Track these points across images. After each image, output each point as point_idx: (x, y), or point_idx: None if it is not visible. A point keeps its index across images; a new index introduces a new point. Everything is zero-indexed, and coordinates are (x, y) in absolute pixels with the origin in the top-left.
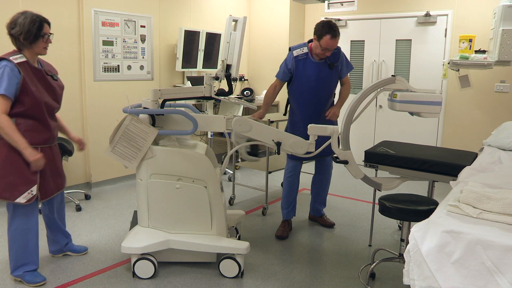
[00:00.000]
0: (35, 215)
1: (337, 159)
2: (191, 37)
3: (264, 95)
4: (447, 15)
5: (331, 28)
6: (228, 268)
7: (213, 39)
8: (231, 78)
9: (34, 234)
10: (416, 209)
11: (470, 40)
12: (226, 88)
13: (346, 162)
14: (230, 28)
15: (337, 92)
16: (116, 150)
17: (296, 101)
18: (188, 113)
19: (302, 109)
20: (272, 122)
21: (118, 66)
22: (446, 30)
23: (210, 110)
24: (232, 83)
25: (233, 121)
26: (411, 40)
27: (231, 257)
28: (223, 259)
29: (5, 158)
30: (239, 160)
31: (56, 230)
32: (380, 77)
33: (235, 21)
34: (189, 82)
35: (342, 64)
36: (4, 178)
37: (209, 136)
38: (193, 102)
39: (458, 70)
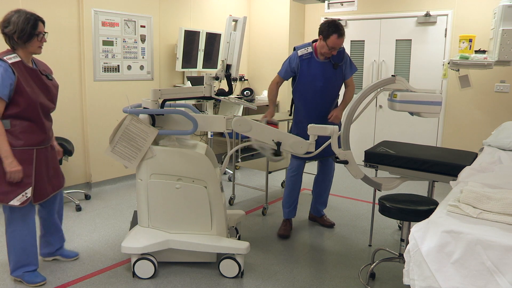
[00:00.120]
0: (32, 217)
1: (337, 159)
2: (191, 37)
3: (268, 93)
4: (447, 15)
5: (337, 28)
6: (228, 268)
7: (213, 39)
8: (231, 78)
9: (32, 235)
10: (416, 209)
11: (470, 40)
12: (226, 88)
13: (346, 162)
14: (230, 28)
15: (340, 94)
16: (116, 150)
17: (300, 100)
18: (188, 113)
19: (306, 108)
20: None
21: (118, 66)
22: (446, 30)
23: (210, 110)
24: (232, 83)
25: (233, 121)
26: (411, 40)
27: (231, 257)
28: (223, 259)
29: None
30: (239, 160)
31: (53, 231)
32: (380, 77)
33: (235, 21)
34: (189, 82)
35: (346, 64)
36: None
37: (209, 136)
38: (193, 102)
39: (458, 70)
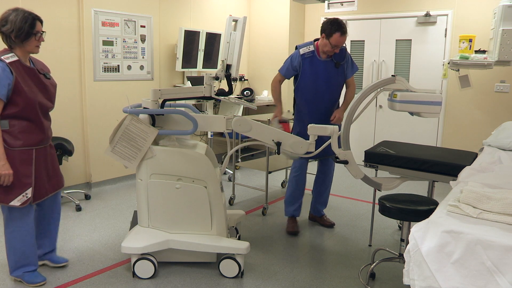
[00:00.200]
0: (31, 217)
1: (337, 159)
2: (191, 37)
3: (272, 92)
4: (447, 15)
5: (340, 26)
6: (228, 268)
7: (213, 39)
8: (231, 78)
9: (31, 235)
10: (416, 209)
11: (470, 40)
12: (226, 88)
13: (346, 162)
14: (230, 28)
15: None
16: (116, 150)
17: (302, 99)
18: (188, 113)
19: (309, 107)
20: None
21: (118, 66)
22: (446, 30)
23: (210, 110)
24: (232, 83)
25: (233, 121)
26: (411, 40)
27: (231, 257)
28: (223, 259)
29: None
30: (239, 160)
31: (45, 235)
32: (380, 77)
33: (235, 21)
34: (189, 82)
35: (347, 63)
36: None
37: (209, 136)
38: (193, 102)
39: (458, 70)
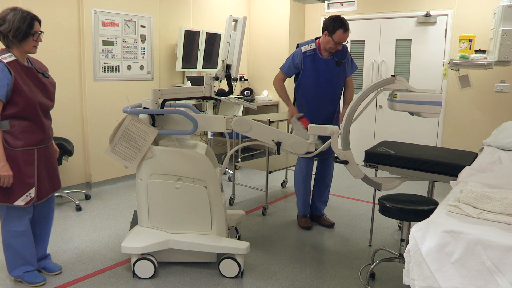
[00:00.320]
0: (29, 217)
1: (337, 159)
2: (191, 37)
3: (278, 91)
4: (447, 15)
5: (342, 23)
6: (228, 268)
7: (213, 39)
8: (231, 78)
9: (28, 235)
10: (416, 209)
11: (470, 40)
12: (226, 88)
13: (346, 162)
14: (230, 28)
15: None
16: (116, 150)
17: (303, 97)
18: (188, 113)
19: (310, 105)
20: (272, 122)
21: (118, 66)
22: (446, 30)
23: (210, 110)
24: (232, 83)
25: (233, 121)
26: (411, 40)
27: (231, 257)
28: (223, 259)
29: None
30: (239, 160)
31: (36, 242)
32: (380, 77)
33: (235, 21)
34: (189, 82)
35: (348, 62)
36: None
37: (209, 136)
38: (193, 102)
39: (458, 70)
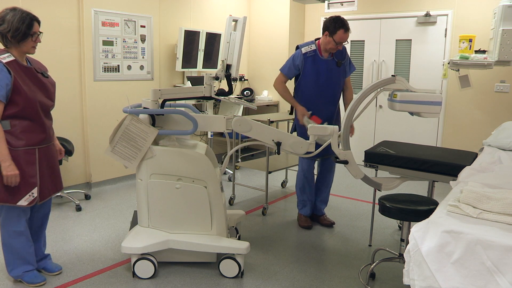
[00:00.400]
0: (27, 216)
1: (337, 159)
2: (191, 37)
3: (282, 94)
4: (447, 15)
5: (343, 23)
6: (228, 268)
7: (213, 39)
8: (231, 78)
9: (27, 235)
10: (416, 209)
11: (470, 40)
12: (226, 88)
13: (346, 162)
14: (230, 28)
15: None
16: (116, 150)
17: (304, 98)
18: (188, 113)
19: (311, 105)
20: (272, 122)
21: (118, 66)
22: (446, 30)
23: (210, 110)
24: (232, 83)
25: (233, 121)
26: (411, 40)
27: (231, 257)
28: (223, 259)
29: None
30: (239, 160)
31: (34, 239)
32: (380, 77)
33: (235, 21)
34: (189, 82)
35: (347, 62)
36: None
37: (209, 136)
38: (193, 102)
39: (458, 70)
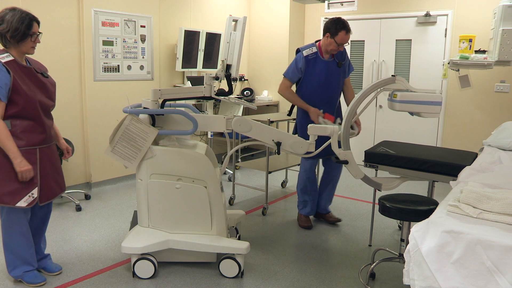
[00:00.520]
0: (28, 216)
1: (337, 159)
2: (191, 37)
3: (290, 98)
4: (447, 15)
5: (344, 24)
6: (228, 268)
7: (213, 39)
8: (231, 78)
9: (27, 235)
10: (416, 209)
11: (470, 40)
12: (226, 88)
13: (346, 162)
14: (230, 28)
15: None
16: (116, 150)
17: (306, 98)
18: (188, 113)
19: (313, 106)
20: (272, 122)
21: (118, 66)
22: (446, 30)
23: (210, 110)
24: (232, 83)
25: (233, 121)
26: (411, 40)
27: (231, 257)
28: (223, 259)
29: (3, 162)
30: (239, 160)
31: (36, 239)
32: (380, 77)
33: (235, 21)
34: (189, 82)
35: (347, 63)
36: (4, 182)
37: (209, 136)
38: (193, 102)
39: (458, 70)
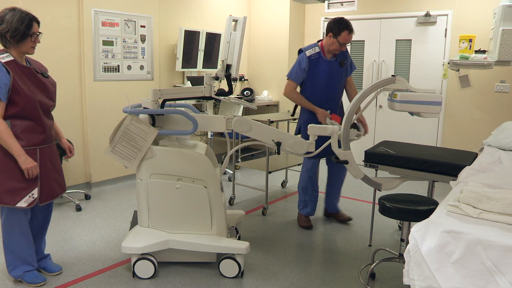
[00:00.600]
0: (28, 217)
1: (337, 159)
2: (191, 37)
3: (297, 100)
4: (447, 15)
5: (347, 24)
6: (228, 268)
7: (213, 39)
8: (231, 78)
9: (27, 235)
10: (416, 209)
11: (470, 40)
12: (226, 88)
13: (346, 162)
14: (230, 28)
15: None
16: (116, 150)
17: (309, 98)
18: (188, 113)
19: (316, 105)
20: (272, 122)
21: (118, 66)
22: (446, 30)
23: (210, 110)
24: (232, 83)
25: (233, 121)
26: (411, 40)
27: (231, 257)
28: (223, 259)
29: (3, 162)
30: (239, 160)
31: (36, 239)
32: (380, 77)
33: (235, 21)
34: (189, 82)
35: (349, 62)
36: (4, 182)
37: (209, 136)
38: (193, 102)
39: (458, 70)
